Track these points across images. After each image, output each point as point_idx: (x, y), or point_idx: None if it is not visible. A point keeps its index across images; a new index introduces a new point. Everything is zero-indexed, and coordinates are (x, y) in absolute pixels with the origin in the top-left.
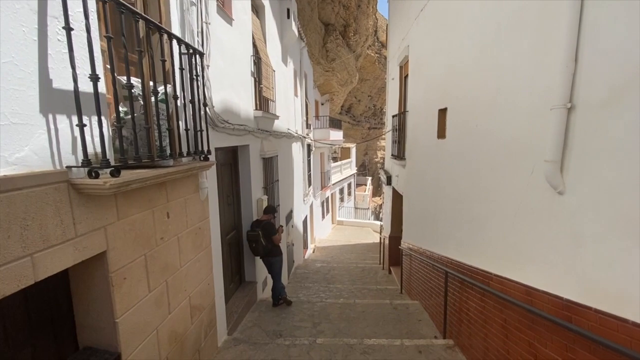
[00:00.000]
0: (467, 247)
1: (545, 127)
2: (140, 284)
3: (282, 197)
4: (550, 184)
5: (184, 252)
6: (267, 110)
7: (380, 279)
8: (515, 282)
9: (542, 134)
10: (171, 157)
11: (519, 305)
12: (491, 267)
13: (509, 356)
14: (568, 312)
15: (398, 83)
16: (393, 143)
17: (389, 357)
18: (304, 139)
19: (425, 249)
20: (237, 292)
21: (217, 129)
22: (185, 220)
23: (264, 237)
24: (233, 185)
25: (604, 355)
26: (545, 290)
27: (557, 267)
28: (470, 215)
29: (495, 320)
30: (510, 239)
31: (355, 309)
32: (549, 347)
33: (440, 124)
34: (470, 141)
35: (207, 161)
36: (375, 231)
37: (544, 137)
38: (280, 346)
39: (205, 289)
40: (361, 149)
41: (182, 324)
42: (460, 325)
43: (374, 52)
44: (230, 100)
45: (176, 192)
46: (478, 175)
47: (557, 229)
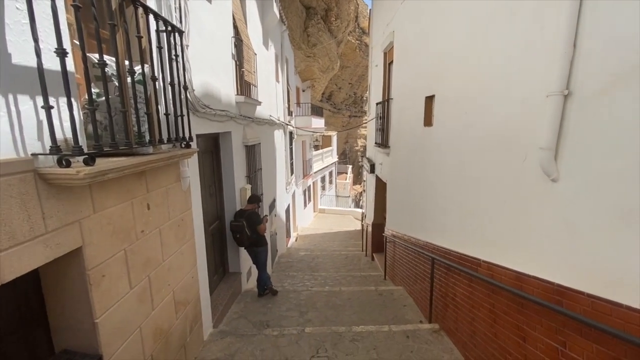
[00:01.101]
0: (454, 234)
1: (540, 115)
2: (120, 281)
3: (265, 186)
4: (544, 171)
5: (166, 245)
6: (249, 96)
7: (364, 266)
8: (504, 268)
9: (537, 122)
10: (151, 144)
11: (508, 290)
12: (480, 254)
13: (497, 339)
14: (559, 297)
15: (382, 70)
16: (377, 131)
17: (378, 343)
18: (286, 127)
19: (411, 236)
20: (222, 284)
21: (198, 114)
22: (167, 211)
23: (248, 227)
24: (215, 175)
25: (595, 338)
26: (535, 275)
27: (549, 253)
28: (458, 203)
29: (482, 305)
30: (500, 226)
31: (342, 297)
32: (538, 330)
33: (427, 112)
34: (459, 129)
35: (188, 148)
36: (356, 219)
37: (539, 124)
38: (268, 337)
39: (190, 282)
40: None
41: (167, 319)
42: (446, 310)
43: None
44: (211, 84)
45: (156, 181)
46: (467, 163)
47: (550, 216)
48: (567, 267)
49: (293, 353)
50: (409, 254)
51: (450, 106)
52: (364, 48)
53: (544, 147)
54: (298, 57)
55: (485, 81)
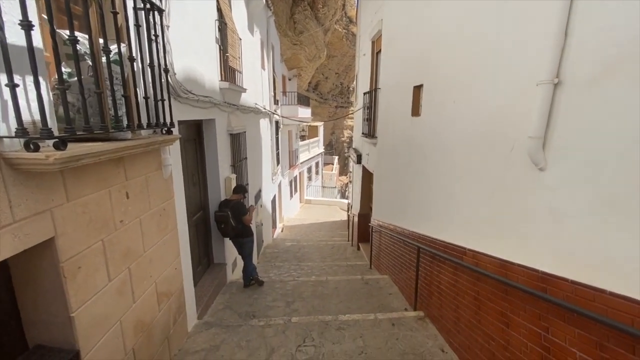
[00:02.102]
0: (440, 224)
1: (529, 103)
2: (98, 273)
3: (251, 176)
4: (532, 160)
5: (147, 235)
6: (234, 82)
7: (350, 256)
8: (490, 256)
9: (526, 110)
10: (129, 129)
11: (493, 278)
12: (465, 243)
13: (481, 325)
14: (543, 284)
15: (370, 59)
16: (364, 121)
17: (364, 331)
18: (272, 115)
19: (397, 226)
20: (206, 275)
21: (180, 99)
22: (147, 200)
23: (233, 217)
24: (198, 163)
25: (577, 323)
26: (520, 263)
27: (534, 241)
28: (445, 192)
29: (467, 292)
30: (486, 215)
31: (328, 286)
32: (521, 316)
33: (415, 101)
34: (447, 118)
35: (170, 135)
36: (342, 209)
37: (528, 113)
38: (254, 327)
39: (173, 273)
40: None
41: (149, 312)
42: (431, 298)
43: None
44: (194, 68)
45: (136, 169)
46: (454, 153)
47: (536, 205)
48: (552, 255)
49: (280, 343)
50: (395, 243)
51: (439, 96)
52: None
53: (532, 135)
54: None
55: (474, 70)
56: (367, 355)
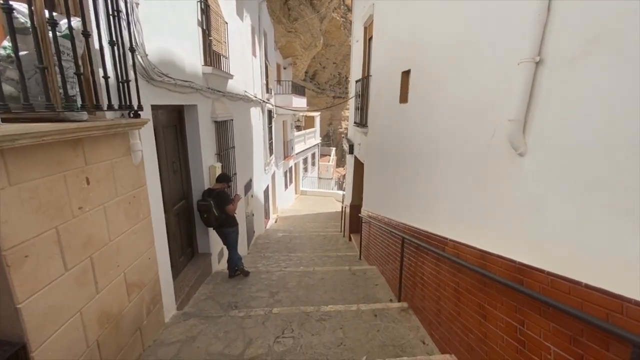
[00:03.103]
0: (425, 214)
1: (511, 84)
2: (51, 262)
3: (239, 166)
4: (512, 145)
5: (114, 223)
6: (219, 67)
7: (341, 246)
8: (470, 247)
9: (508, 92)
10: (84, 110)
11: (470, 269)
12: (448, 233)
13: (460, 317)
14: (520, 275)
15: (362, 46)
16: (356, 110)
17: (345, 322)
18: (264, 104)
19: (384, 216)
20: (189, 265)
21: (155, 82)
22: (113, 187)
23: (216, 207)
24: (180, 150)
25: (552, 317)
26: (499, 254)
27: (513, 231)
28: (430, 181)
29: (448, 283)
30: (468, 204)
31: (315, 277)
32: (498, 308)
33: (403, 88)
34: (432, 105)
35: (137, 118)
36: (338, 200)
37: (509, 95)
38: (234, 318)
39: (146, 263)
40: (325, 119)
41: (117, 303)
42: (415, 289)
43: (339, 15)
44: (171, 51)
45: (98, 153)
46: (438, 141)
47: (515, 193)
48: (530, 245)
49: (258, 334)
50: (383, 234)
51: (425, 81)
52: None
53: (512, 118)
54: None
55: (458, 53)
56: (346, 346)
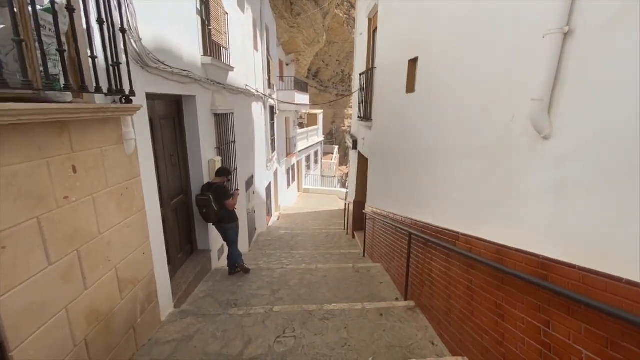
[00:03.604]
0: (433, 207)
1: (534, 61)
2: (32, 255)
3: (240, 161)
4: (535, 127)
5: (104, 215)
6: (219, 59)
7: (344, 244)
8: (484, 241)
9: (530, 70)
10: (67, 90)
11: (487, 265)
12: (459, 227)
13: (473, 317)
14: (545, 271)
15: (366, 38)
16: (360, 104)
17: (350, 322)
18: (266, 100)
19: (389, 212)
20: (188, 262)
21: (150, 69)
22: (103, 177)
23: (215, 201)
24: (178, 143)
25: (585, 318)
26: (518, 248)
27: (535, 222)
28: (439, 173)
29: (460, 281)
30: (482, 195)
31: (317, 274)
32: (518, 307)
33: (410, 77)
34: (442, 92)
35: (129, 104)
36: (340, 198)
37: (532, 73)
38: (233, 316)
39: (140, 258)
40: (328, 117)
41: (107, 300)
42: (422, 287)
43: (342, 12)
44: (168, 38)
45: (86, 140)
46: (449, 129)
47: (538, 180)
48: (554, 238)
49: (258, 333)
50: (388, 230)
51: (434, 67)
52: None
53: (536, 98)
54: (281, 27)
55: (473, 34)
56: (351, 347)
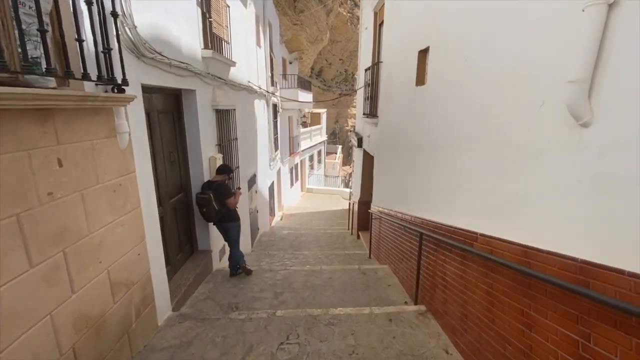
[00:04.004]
0: (447, 206)
1: (570, 38)
2: (12, 256)
3: (242, 159)
4: (572, 113)
5: (94, 214)
6: (220, 52)
7: (349, 244)
8: (507, 242)
9: (566, 49)
10: (50, 75)
11: (514, 269)
12: (477, 227)
13: (494, 325)
14: (584, 276)
15: (372, 32)
16: (365, 100)
17: (357, 327)
18: (269, 97)
19: (398, 211)
20: (188, 263)
21: (146, 60)
22: (93, 172)
23: (216, 200)
24: (177, 139)
25: (636, 331)
26: (550, 250)
27: (571, 221)
28: (453, 169)
29: (477, 285)
30: (504, 192)
31: (322, 276)
32: (550, 317)
33: (420, 69)
34: (457, 81)
35: (121, 93)
36: (344, 198)
37: (566, 51)
38: (233, 321)
39: (135, 259)
40: (332, 117)
41: (98, 304)
42: (434, 291)
43: (346, 10)
44: (166, 27)
45: (74, 132)
46: (465, 122)
47: (575, 174)
48: (597, 239)
49: (259, 339)
50: (395, 230)
51: (447, 56)
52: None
53: (574, 79)
54: (284, 24)
55: (492, 16)
56: (359, 355)
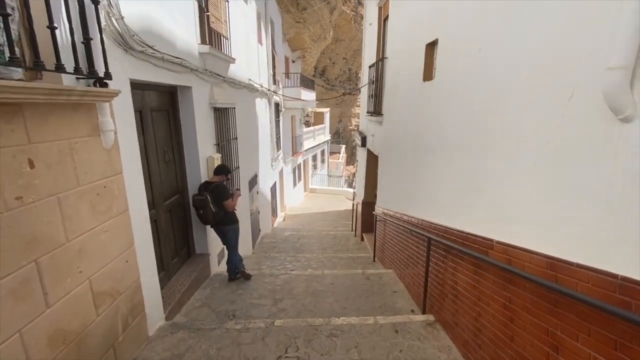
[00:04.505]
0: (457, 210)
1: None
2: None
3: (243, 159)
4: (610, 105)
5: (73, 219)
6: (219, 48)
7: (352, 247)
8: (529, 252)
9: (602, 32)
10: (15, 65)
11: (537, 283)
12: (493, 233)
13: (512, 343)
14: (624, 296)
15: (376, 28)
16: (369, 98)
17: (361, 339)
18: (271, 96)
19: (404, 214)
20: (184, 267)
21: (135, 53)
22: (72, 173)
23: (213, 202)
24: (173, 138)
25: None
26: (583, 264)
27: (609, 231)
28: (465, 170)
29: (493, 297)
30: (525, 196)
31: (324, 281)
32: (582, 340)
33: (428, 63)
34: (469, 74)
35: (102, 87)
36: (348, 198)
37: (600, 35)
38: (229, 331)
39: (122, 267)
40: (335, 116)
41: (78, 317)
42: (444, 300)
43: (350, 9)
44: (158, 20)
45: (48, 130)
46: (479, 118)
47: (613, 175)
48: None
49: (256, 353)
50: (401, 233)
51: (458, 48)
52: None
53: (614, 66)
54: (287, 22)
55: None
56: None
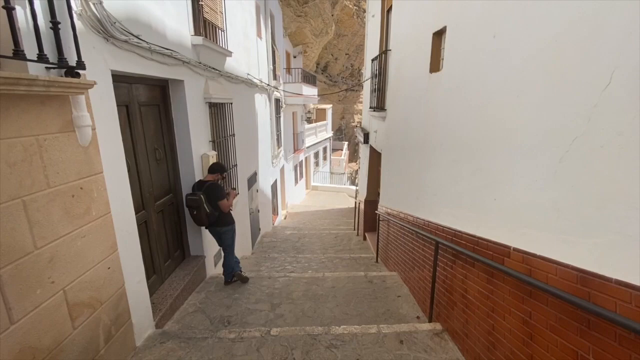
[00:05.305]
0: (468, 211)
1: None
2: None
3: (241, 157)
4: None
5: (43, 224)
6: (214, 40)
7: (354, 246)
8: (555, 263)
9: None
10: None
11: (565, 300)
12: (510, 239)
13: None
14: None
15: (379, 20)
16: (372, 93)
17: (363, 351)
18: (271, 91)
19: (408, 214)
20: (177, 270)
21: (117, 42)
22: (41, 173)
23: (208, 202)
24: (164, 135)
25: None
26: (622, 280)
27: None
28: (477, 168)
29: (510, 310)
30: (548, 197)
31: (324, 285)
32: None
33: (434, 53)
34: (482, 62)
35: (74, 78)
36: (350, 196)
37: None
38: (222, 341)
39: (103, 275)
40: (338, 113)
41: (50, 332)
42: (452, 309)
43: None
44: (145, 8)
45: (11, 124)
46: (492, 110)
47: None
48: None
49: None
50: (406, 235)
51: (469, 35)
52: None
53: None
54: (287, 16)
55: None
56: None
